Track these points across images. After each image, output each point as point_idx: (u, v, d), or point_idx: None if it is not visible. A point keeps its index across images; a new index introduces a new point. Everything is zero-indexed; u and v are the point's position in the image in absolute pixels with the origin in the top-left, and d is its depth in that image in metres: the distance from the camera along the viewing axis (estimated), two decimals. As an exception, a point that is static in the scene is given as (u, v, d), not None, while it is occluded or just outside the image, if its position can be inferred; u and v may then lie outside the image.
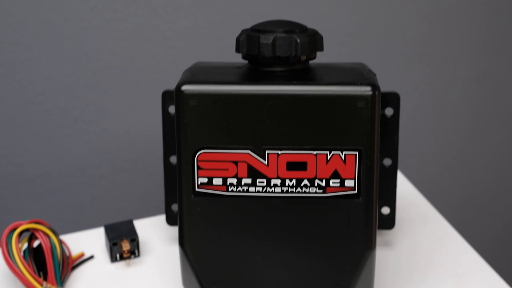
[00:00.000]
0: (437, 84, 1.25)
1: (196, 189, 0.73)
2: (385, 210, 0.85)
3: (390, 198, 0.84)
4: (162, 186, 1.00)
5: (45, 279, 0.80)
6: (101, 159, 1.11)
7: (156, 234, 0.89)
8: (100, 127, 1.10)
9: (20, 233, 0.81)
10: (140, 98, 1.10)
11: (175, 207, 0.85)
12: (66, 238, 0.89)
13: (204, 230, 0.74)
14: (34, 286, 0.77)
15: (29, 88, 1.05)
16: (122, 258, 0.86)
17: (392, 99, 0.80)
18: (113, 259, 0.86)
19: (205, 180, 0.73)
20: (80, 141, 1.10)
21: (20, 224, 0.82)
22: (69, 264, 0.84)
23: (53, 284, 0.79)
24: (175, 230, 0.89)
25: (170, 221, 0.86)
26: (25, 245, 0.82)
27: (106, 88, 1.08)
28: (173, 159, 0.83)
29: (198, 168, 0.73)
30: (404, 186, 0.97)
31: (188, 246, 0.75)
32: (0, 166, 1.11)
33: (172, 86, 0.75)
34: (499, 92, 1.29)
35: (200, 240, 0.75)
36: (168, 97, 0.81)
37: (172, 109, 0.82)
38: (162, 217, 0.91)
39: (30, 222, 0.82)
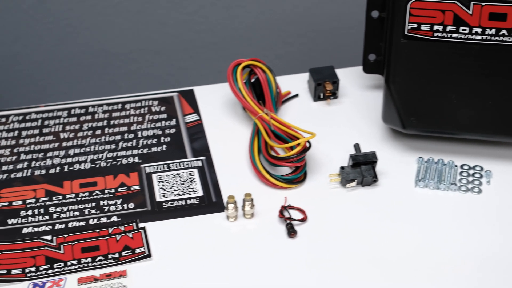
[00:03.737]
0: None
1: (406, 33, 0.85)
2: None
3: None
4: (354, 42, 1.12)
5: (263, 106, 0.95)
6: (302, 23, 1.25)
7: (353, 81, 1.02)
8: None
9: (242, 69, 0.96)
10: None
11: (371, 56, 0.97)
12: (272, 80, 1.03)
13: (409, 70, 0.87)
14: (255, 110, 0.92)
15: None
16: (323, 98, 0.99)
17: None
18: (316, 98, 1.00)
19: (415, 25, 0.85)
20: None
21: (242, 61, 0.96)
22: (279, 98, 0.98)
23: (270, 110, 0.93)
24: (369, 78, 1.02)
25: (367, 69, 0.99)
26: (245, 79, 0.97)
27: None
28: (374, 14, 0.95)
29: (410, 15, 0.85)
30: None
31: (393, 83, 0.88)
32: (184, 31, 1.26)
33: None
34: None
35: (404, 78, 0.87)
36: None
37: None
38: (357, 68, 1.03)
39: (250, 60, 0.96)
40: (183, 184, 0.87)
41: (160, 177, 0.88)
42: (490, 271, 0.78)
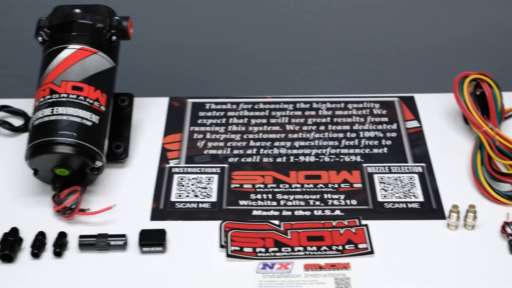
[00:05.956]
0: None
1: None
2: None
3: None
4: None
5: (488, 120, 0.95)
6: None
7: None
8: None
9: (469, 81, 0.96)
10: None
11: None
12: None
13: None
14: (479, 123, 0.93)
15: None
16: (547, 118, 0.99)
17: None
18: (538, 117, 0.99)
19: None
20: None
21: (470, 74, 0.97)
22: (503, 114, 0.98)
23: (494, 126, 0.94)
24: None
25: None
26: (470, 91, 0.98)
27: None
28: None
29: None
30: None
31: None
32: (391, 36, 1.28)
33: None
34: None
35: None
36: None
37: None
38: None
39: (478, 73, 0.97)
40: (404, 187, 0.89)
41: (382, 178, 0.90)
42: None
